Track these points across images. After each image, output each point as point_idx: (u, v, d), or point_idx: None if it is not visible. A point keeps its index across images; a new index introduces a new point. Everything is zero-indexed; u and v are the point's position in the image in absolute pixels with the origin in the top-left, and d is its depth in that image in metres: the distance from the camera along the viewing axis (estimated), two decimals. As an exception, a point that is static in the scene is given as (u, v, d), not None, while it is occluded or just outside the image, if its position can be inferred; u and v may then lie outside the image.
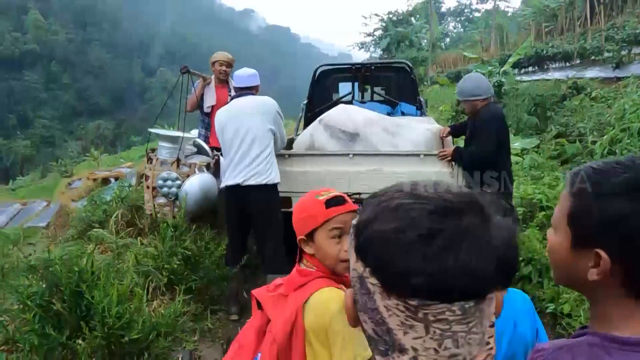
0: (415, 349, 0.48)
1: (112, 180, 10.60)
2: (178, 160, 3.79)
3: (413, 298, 0.47)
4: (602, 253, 0.67)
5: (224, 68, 4.35)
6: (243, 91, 3.32)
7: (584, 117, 6.15)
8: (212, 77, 4.40)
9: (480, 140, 3.41)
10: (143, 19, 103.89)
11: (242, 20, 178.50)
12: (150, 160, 3.90)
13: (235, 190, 3.14)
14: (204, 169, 3.83)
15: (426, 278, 0.45)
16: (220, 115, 3.31)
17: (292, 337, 1.16)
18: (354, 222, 0.54)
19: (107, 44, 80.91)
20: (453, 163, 3.57)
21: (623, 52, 9.65)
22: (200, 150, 4.17)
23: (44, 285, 2.43)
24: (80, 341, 2.29)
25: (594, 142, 5.05)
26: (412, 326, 0.47)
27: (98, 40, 79.30)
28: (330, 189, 1.29)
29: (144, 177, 3.91)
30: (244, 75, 3.36)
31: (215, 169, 4.00)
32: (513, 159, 5.32)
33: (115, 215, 4.07)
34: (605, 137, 4.82)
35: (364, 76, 6.01)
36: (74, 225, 4.28)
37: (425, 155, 3.67)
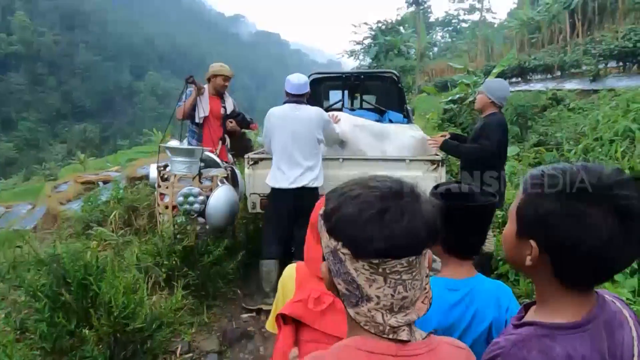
0: (378, 297, 0.69)
1: (101, 183, 10.60)
2: (200, 174, 3.60)
3: (375, 258, 0.67)
4: (533, 243, 0.81)
5: (227, 83, 4.34)
6: (295, 98, 3.52)
7: (562, 127, 6.47)
8: (206, 87, 4.31)
9: (486, 141, 3.67)
10: (131, 21, 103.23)
11: (232, 25, 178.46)
12: (165, 177, 3.66)
13: (287, 191, 3.44)
14: (225, 181, 3.70)
15: (383, 242, 0.66)
16: (271, 117, 3.52)
17: None
18: (321, 211, 0.76)
19: (94, 46, 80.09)
20: (439, 168, 3.80)
21: (600, 66, 10.10)
22: (207, 164, 3.92)
23: (52, 278, 2.57)
24: (86, 330, 2.44)
25: (569, 151, 5.35)
26: (375, 279, 0.68)
27: (85, 42, 78.53)
28: None
29: (159, 197, 3.65)
30: (297, 83, 3.52)
31: (232, 180, 3.90)
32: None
33: (112, 215, 4.21)
34: (580, 146, 5.12)
35: (353, 85, 6.25)
36: (73, 225, 4.40)
37: (411, 160, 3.90)
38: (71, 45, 76.06)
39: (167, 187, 3.60)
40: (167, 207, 3.57)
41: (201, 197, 3.49)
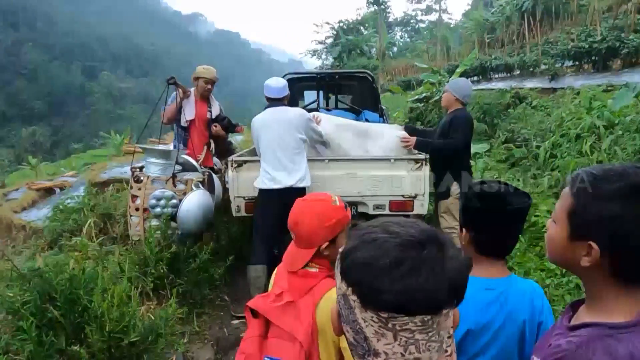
0: (386, 353, 0.61)
1: (57, 190, 10.04)
2: (174, 176, 3.50)
3: (384, 311, 0.59)
4: (594, 245, 0.81)
5: (209, 86, 4.25)
6: (275, 102, 3.56)
7: (527, 124, 6.77)
8: (192, 90, 4.23)
9: (452, 137, 3.78)
10: (83, 19, 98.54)
11: (190, 24, 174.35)
12: (138, 179, 3.54)
13: (274, 192, 3.40)
14: (200, 185, 3.62)
15: (394, 295, 0.58)
16: (255, 124, 3.57)
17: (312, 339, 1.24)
18: (341, 250, 0.68)
19: (42, 45, 75.84)
20: (423, 166, 3.88)
21: (557, 65, 10.66)
22: (185, 167, 3.84)
23: (36, 294, 2.40)
24: (76, 347, 2.30)
25: (537, 147, 5.59)
26: (384, 334, 0.60)
27: (32, 41, 74.22)
28: (327, 194, 1.41)
29: (131, 199, 3.54)
30: (276, 87, 3.56)
31: (209, 185, 3.81)
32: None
33: (87, 223, 4.00)
34: (547, 142, 5.37)
35: (328, 85, 6.25)
36: (44, 236, 4.14)
37: (395, 159, 3.94)
38: (16, 44, 71.67)
39: (139, 189, 3.45)
40: (137, 210, 3.45)
41: (174, 201, 3.40)
